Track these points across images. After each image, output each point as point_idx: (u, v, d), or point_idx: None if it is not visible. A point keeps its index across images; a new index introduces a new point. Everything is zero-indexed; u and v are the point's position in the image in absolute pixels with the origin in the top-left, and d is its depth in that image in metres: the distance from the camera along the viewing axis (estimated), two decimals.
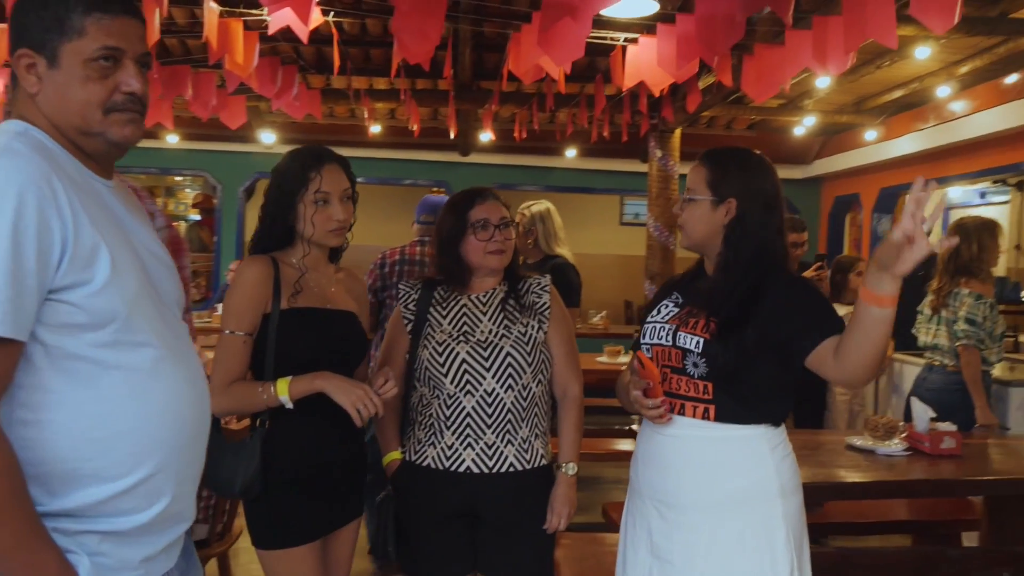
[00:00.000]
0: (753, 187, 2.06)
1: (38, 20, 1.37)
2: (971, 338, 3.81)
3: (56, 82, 1.37)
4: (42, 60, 1.37)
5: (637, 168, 9.05)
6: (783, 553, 1.94)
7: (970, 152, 6.74)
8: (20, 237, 1.20)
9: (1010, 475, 2.96)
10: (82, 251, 1.27)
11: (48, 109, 1.38)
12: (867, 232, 8.81)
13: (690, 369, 1.99)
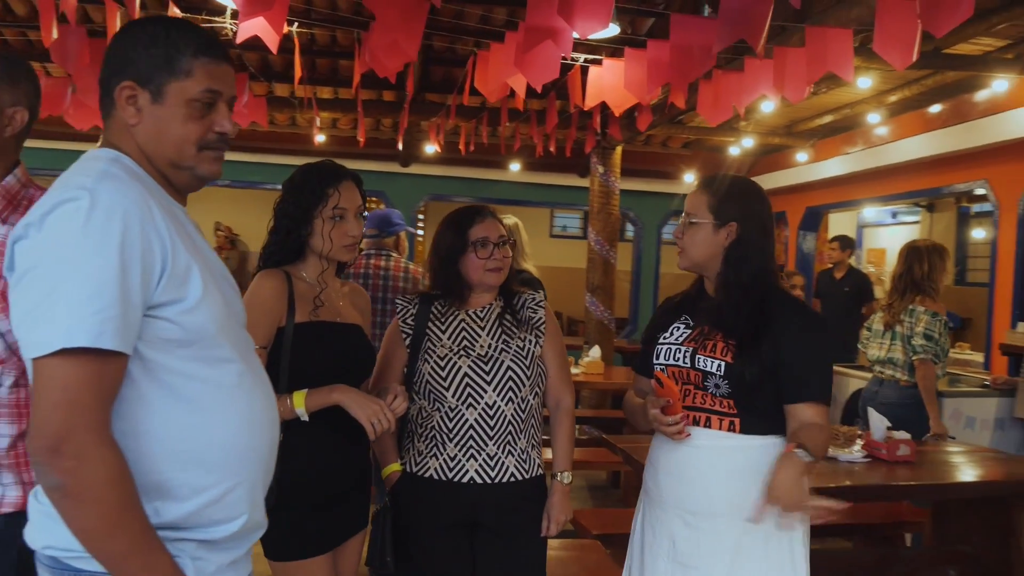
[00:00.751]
0: (752, 212, 2.18)
1: (147, 56, 1.41)
2: (928, 352, 4.05)
3: (157, 116, 1.42)
4: (145, 94, 1.41)
5: (571, 182, 9.25)
6: (801, 553, 2.08)
7: (894, 175, 7.14)
8: (127, 256, 1.24)
9: (958, 480, 3.19)
10: (178, 270, 1.32)
11: (144, 140, 1.43)
12: (792, 248, 9.20)
13: (712, 389, 2.10)
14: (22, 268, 1.25)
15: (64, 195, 1.25)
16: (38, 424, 1.20)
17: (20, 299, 1.25)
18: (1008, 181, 6.00)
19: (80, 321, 1.20)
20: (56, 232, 1.23)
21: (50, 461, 1.19)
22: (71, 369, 1.20)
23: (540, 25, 3.35)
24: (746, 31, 3.24)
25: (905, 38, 3.27)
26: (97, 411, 1.22)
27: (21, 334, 1.24)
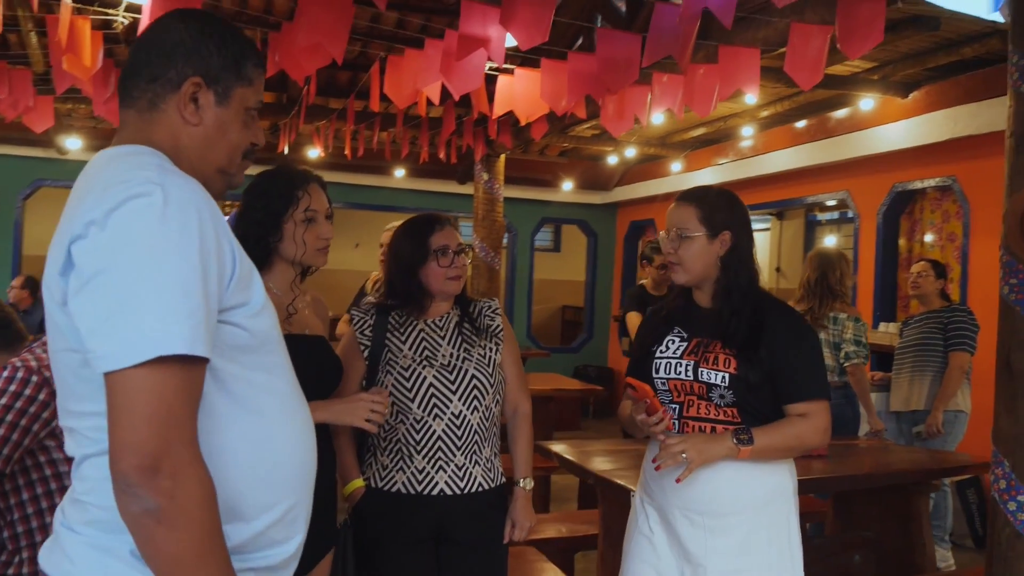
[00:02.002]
0: (741, 219, 2.26)
1: (219, 55, 1.32)
2: (860, 357, 4.32)
3: (220, 119, 1.33)
4: (210, 94, 1.31)
5: (450, 189, 9.27)
6: (796, 542, 2.19)
7: (762, 186, 7.58)
8: (205, 255, 1.16)
9: (869, 471, 3.45)
10: (243, 271, 1.25)
11: (196, 141, 1.32)
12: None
13: (717, 400, 2.16)
14: (88, 271, 1.11)
15: (131, 190, 1.13)
16: (131, 442, 1.08)
17: (90, 306, 1.11)
18: (868, 192, 6.50)
19: (173, 325, 1.10)
20: (129, 230, 1.11)
21: (147, 482, 1.07)
22: (165, 379, 1.09)
23: (473, 34, 3.37)
24: (673, 48, 3.38)
25: (814, 60, 3.50)
26: (191, 425, 1.13)
27: (96, 344, 1.10)
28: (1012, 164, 2.56)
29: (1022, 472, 2.47)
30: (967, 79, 5.27)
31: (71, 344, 1.18)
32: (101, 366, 1.10)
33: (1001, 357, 2.55)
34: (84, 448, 1.22)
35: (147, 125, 1.31)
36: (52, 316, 1.21)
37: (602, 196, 10.25)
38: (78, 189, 1.25)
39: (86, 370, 1.16)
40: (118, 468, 1.08)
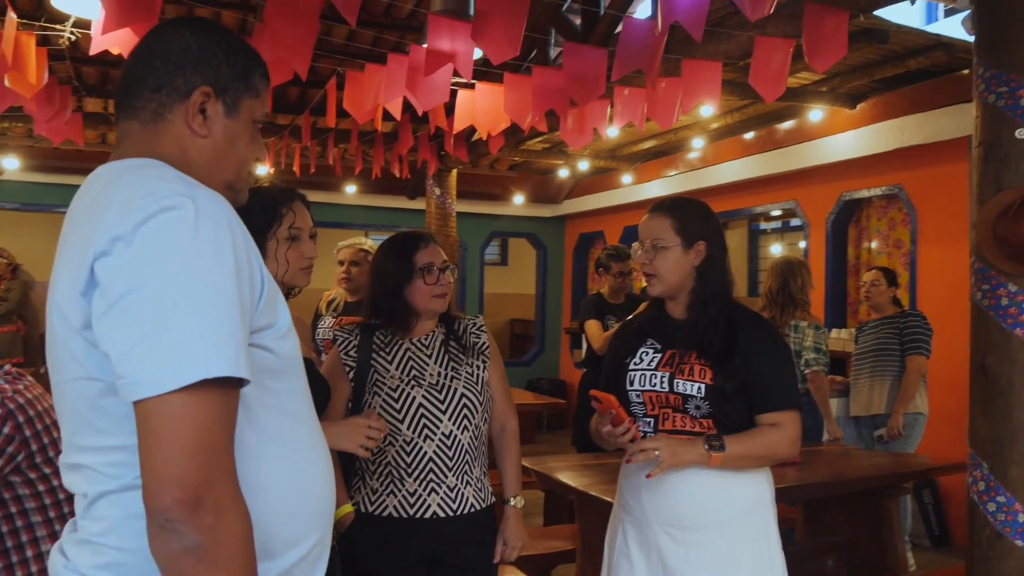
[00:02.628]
0: (714, 230, 2.27)
1: (228, 64, 1.25)
2: (819, 364, 4.39)
3: (230, 131, 1.26)
4: (219, 105, 1.24)
5: (399, 204, 9.20)
6: (777, 552, 2.19)
7: (711, 196, 7.67)
8: (239, 272, 1.08)
9: (845, 477, 3.50)
10: (271, 290, 1.18)
11: (204, 154, 1.24)
12: None
13: (692, 411, 2.15)
14: (117, 290, 1.02)
15: (161, 202, 1.05)
16: (173, 475, 0.99)
17: (121, 327, 1.02)
18: (817, 202, 6.64)
19: (215, 347, 1.02)
20: (160, 245, 1.03)
21: (190, 518, 0.98)
22: (206, 405, 1.01)
23: (441, 49, 3.35)
24: (642, 62, 3.40)
25: (777, 73, 3.57)
26: (231, 455, 1.05)
27: (128, 369, 1.01)
28: (981, 173, 2.62)
29: (1000, 474, 2.53)
30: (912, 90, 5.42)
31: (90, 372, 1.08)
32: (135, 393, 1.00)
33: (976, 361, 2.61)
34: (100, 485, 1.11)
35: (152, 137, 1.23)
36: (65, 343, 1.10)
37: (551, 209, 10.29)
38: (85, 206, 1.16)
39: (107, 400, 1.08)
40: (158, 504, 0.99)
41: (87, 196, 1.19)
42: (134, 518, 1.08)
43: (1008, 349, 2.52)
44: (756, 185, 7.11)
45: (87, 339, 1.07)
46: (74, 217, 1.17)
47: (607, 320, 4.65)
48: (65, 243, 1.15)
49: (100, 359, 1.06)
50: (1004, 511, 2.51)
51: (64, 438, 1.18)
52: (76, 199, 1.23)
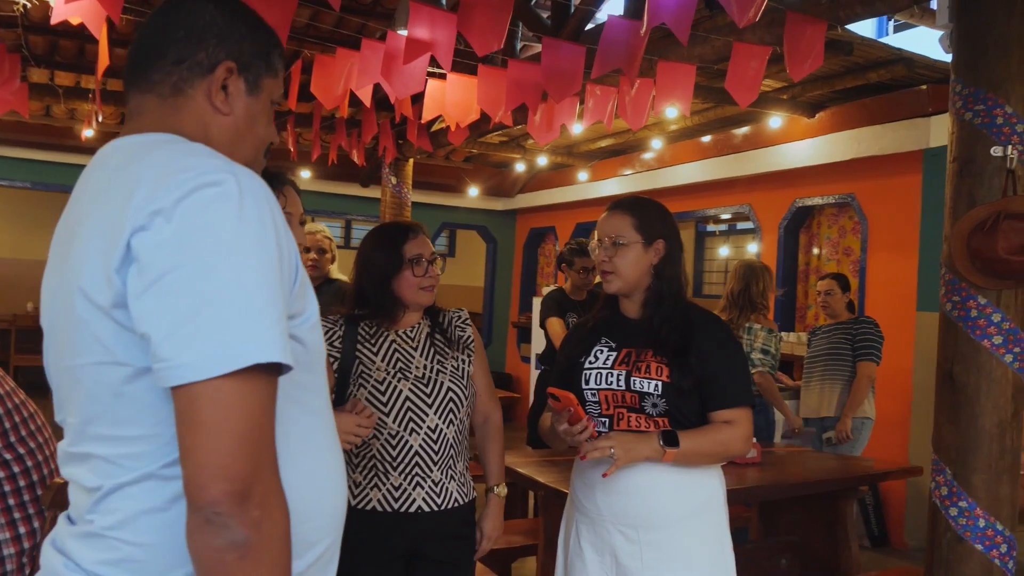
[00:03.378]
0: (672, 229, 2.29)
1: (251, 40, 1.20)
2: (765, 365, 4.46)
3: (251, 110, 1.21)
4: (241, 82, 1.19)
5: (357, 192, 9.08)
6: (728, 552, 2.21)
7: (666, 197, 7.75)
8: (281, 254, 1.03)
9: (804, 479, 3.57)
10: (302, 276, 1.12)
11: (225, 133, 1.19)
12: None
13: (649, 409, 2.15)
14: (158, 267, 0.96)
15: (202, 178, 0.99)
16: (222, 465, 0.93)
17: (163, 308, 0.95)
18: (770, 206, 6.76)
19: (264, 330, 0.96)
20: (204, 221, 0.97)
21: (238, 511, 0.93)
22: (253, 392, 0.96)
23: (421, 38, 3.30)
24: (623, 62, 3.41)
25: (753, 79, 3.61)
26: (274, 446, 0.99)
27: (171, 351, 0.94)
28: (955, 188, 2.70)
29: (963, 480, 2.60)
30: (871, 102, 5.55)
31: (116, 356, 1.01)
32: (178, 377, 0.94)
33: (943, 370, 2.68)
34: (115, 477, 1.04)
35: (172, 112, 1.17)
36: (87, 325, 1.03)
37: (504, 203, 10.28)
38: (103, 182, 1.10)
39: (132, 386, 1.02)
40: (205, 496, 0.93)
41: (103, 172, 1.12)
42: (151, 512, 1.03)
43: (976, 359, 2.60)
44: (711, 188, 7.20)
45: (117, 320, 1.00)
46: (90, 193, 1.11)
47: (568, 317, 4.60)
48: (84, 221, 1.08)
49: (129, 342, 1.00)
50: (965, 516, 2.58)
51: (72, 425, 1.10)
52: (88, 175, 1.17)
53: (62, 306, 1.09)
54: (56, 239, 1.21)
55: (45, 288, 1.20)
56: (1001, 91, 2.60)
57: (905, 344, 5.46)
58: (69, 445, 1.11)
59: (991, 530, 2.56)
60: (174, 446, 1.01)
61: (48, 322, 1.17)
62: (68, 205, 1.22)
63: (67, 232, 1.14)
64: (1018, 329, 2.59)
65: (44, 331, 1.20)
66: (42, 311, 1.21)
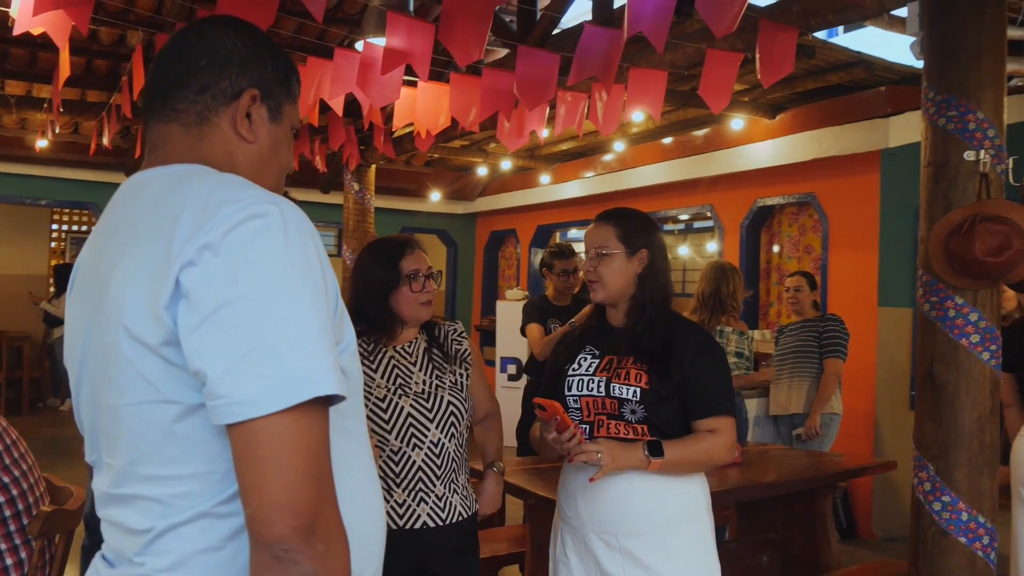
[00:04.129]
0: (656, 238, 2.33)
1: (273, 67, 1.20)
2: (741, 368, 4.52)
3: (274, 137, 1.21)
4: (264, 109, 1.19)
5: (316, 198, 8.99)
6: (713, 561, 2.24)
7: (628, 199, 7.81)
8: (326, 285, 1.04)
9: (785, 478, 3.64)
10: (341, 304, 1.12)
11: (251, 161, 1.18)
12: (524, 265, 9.71)
13: (628, 416, 2.18)
14: (210, 303, 0.95)
15: (247, 210, 0.99)
16: (288, 501, 0.92)
17: (217, 343, 0.95)
18: (731, 207, 6.87)
19: (319, 364, 0.96)
20: (252, 255, 0.97)
21: (304, 545, 0.93)
22: (312, 425, 0.96)
23: (399, 48, 3.29)
24: (599, 70, 3.43)
25: (725, 85, 3.67)
26: (332, 477, 0.99)
27: (229, 388, 0.93)
28: (930, 191, 2.77)
29: (946, 475, 2.68)
30: (831, 104, 5.67)
31: (166, 395, 1.00)
32: (237, 414, 0.93)
33: (923, 369, 2.76)
34: (168, 518, 1.03)
35: (198, 142, 1.16)
36: (132, 364, 1.01)
37: (464, 206, 10.28)
38: (137, 216, 1.08)
39: (183, 425, 1.00)
40: (272, 533, 0.92)
41: (137, 206, 1.11)
42: (206, 552, 1.02)
43: (955, 358, 2.68)
44: (673, 189, 7.28)
45: (166, 357, 0.99)
46: (125, 228, 1.09)
47: (550, 323, 4.54)
48: (122, 257, 1.06)
49: (178, 380, 0.99)
50: (949, 510, 2.66)
51: (115, 467, 1.08)
52: (117, 209, 1.16)
53: (100, 345, 1.07)
54: (81, 276, 1.19)
55: (72, 328, 1.18)
56: (973, 98, 2.68)
57: (868, 339, 5.59)
58: (111, 487, 1.09)
59: (973, 523, 2.64)
60: (227, 483, 1.01)
61: (79, 362, 1.14)
62: (93, 240, 1.20)
63: (96, 269, 1.12)
64: (994, 328, 2.68)
65: (72, 372, 1.17)
66: (69, 351, 1.19)
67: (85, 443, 1.17)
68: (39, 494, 2.52)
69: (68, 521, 2.47)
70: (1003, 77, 2.74)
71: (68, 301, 1.22)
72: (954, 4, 2.75)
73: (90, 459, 1.16)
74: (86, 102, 6.35)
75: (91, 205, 8.55)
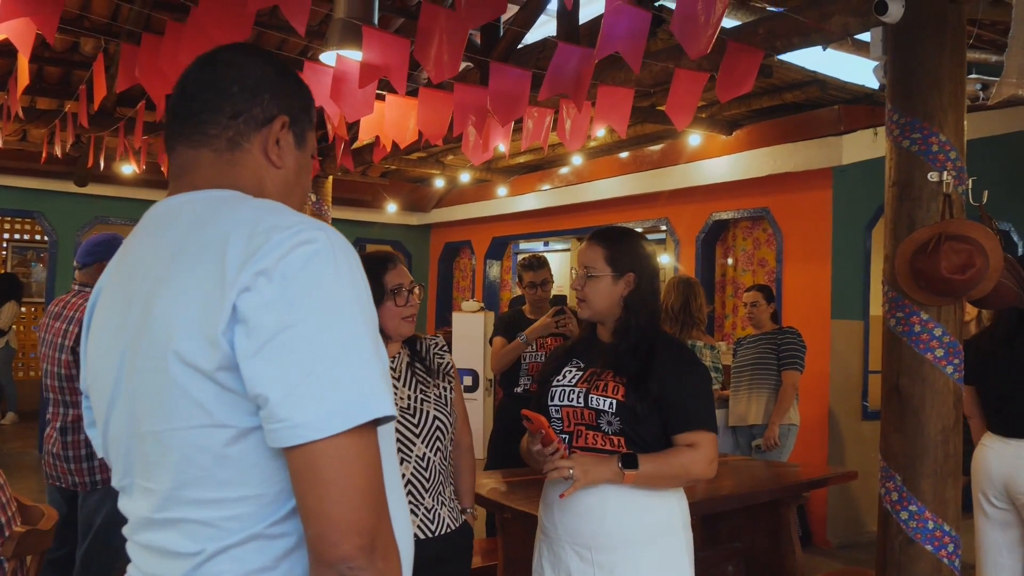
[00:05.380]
0: (645, 261, 2.36)
1: (298, 95, 1.23)
2: (716, 382, 4.60)
3: (299, 163, 1.23)
4: (290, 135, 1.21)
5: None
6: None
7: (584, 211, 7.91)
8: (372, 308, 1.07)
9: (754, 489, 3.71)
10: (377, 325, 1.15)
11: (279, 186, 1.20)
12: (479, 277, 9.73)
13: (604, 427, 2.21)
14: (269, 328, 0.97)
15: (297, 236, 1.01)
16: (353, 521, 0.95)
17: (277, 367, 0.97)
18: (687, 220, 6.99)
19: (376, 386, 0.99)
20: (306, 280, 0.99)
21: (368, 563, 0.96)
22: (370, 446, 0.99)
23: (375, 63, 3.30)
24: (571, 87, 3.49)
25: (690, 104, 3.75)
26: (386, 495, 1.02)
27: (290, 411, 0.96)
28: (895, 211, 2.87)
29: (913, 485, 2.77)
30: (786, 121, 5.82)
31: (218, 419, 1.01)
32: (298, 436, 0.95)
33: (889, 382, 2.85)
34: (219, 540, 1.03)
35: (229, 167, 1.17)
36: (184, 389, 1.01)
37: (418, 217, 10.26)
38: (177, 242, 1.08)
39: (236, 448, 1.01)
40: (338, 553, 0.95)
41: (174, 229, 1.11)
42: (258, 572, 1.03)
43: (920, 371, 2.77)
44: (630, 202, 7.38)
45: (220, 382, 1.00)
46: (164, 253, 1.09)
47: (520, 336, 4.54)
48: (164, 283, 1.06)
49: (231, 404, 1.00)
50: (916, 519, 2.75)
51: (156, 491, 1.07)
52: (147, 234, 1.16)
53: (142, 371, 1.06)
54: (108, 302, 1.18)
55: (99, 354, 1.17)
56: (935, 121, 2.79)
57: (821, 351, 5.73)
58: (154, 512, 1.08)
59: (939, 531, 2.74)
60: (279, 505, 1.03)
61: (112, 388, 1.13)
62: (120, 264, 1.19)
63: (130, 294, 1.11)
64: (957, 342, 2.78)
65: (101, 397, 1.16)
66: (95, 377, 1.18)
67: (114, 468, 1.16)
68: (11, 514, 2.47)
69: (41, 541, 2.43)
70: (963, 100, 2.86)
71: (92, 325, 1.21)
72: (917, 30, 2.86)
73: (121, 484, 1.15)
74: (36, 109, 6.20)
75: (37, 214, 8.33)
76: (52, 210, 8.26)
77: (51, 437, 3.39)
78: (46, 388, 3.44)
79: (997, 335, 3.44)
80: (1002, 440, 3.36)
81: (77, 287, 3.55)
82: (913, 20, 2.82)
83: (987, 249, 2.66)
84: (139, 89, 6.15)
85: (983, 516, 3.38)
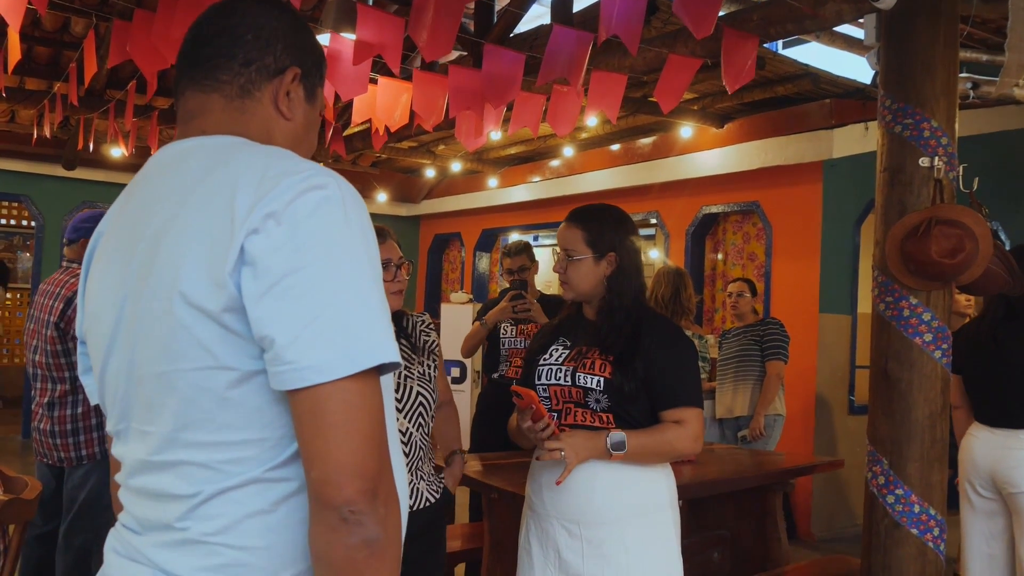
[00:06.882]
0: (627, 240, 2.35)
1: (311, 48, 1.22)
2: (704, 372, 4.61)
3: (308, 117, 1.22)
4: (301, 88, 1.20)
5: None
6: (675, 555, 2.27)
7: (575, 204, 7.87)
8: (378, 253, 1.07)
9: (741, 475, 3.72)
10: None
11: (287, 138, 1.19)
12: (469, 268, 9.72)
13: (592, 405, 2.22)
14: (277, 271, 0.96)
15: (307, 181, 1.00)
16: (355, 464, 0.95)
17: (285, 310, 0.96)
18: (677, 213, 7.00)
19: (383, 332, 0.99)
20: (316, 225, 0.98)
21: (370, 508, 0.95)
22: (375, 392, 0.98)
23: (370, 40, 3.28)
24: (567, 71, 3.48)
25: (678, 89, 3.75)
26: (388, 443, 1.01)
27: (297, 354, 0.95)
28: (885, 196, 2.88)
29: (899, 469, 2.78)
30: (778, 114, 5.84)
31: (222, 361, 1.00)
32: (305, 379, 0.95)
33: (878, 367, 2.86)
34: (216, 483, 1.02)
35: (239, 114, 1.16)
36: (189, 330, 1.00)
37: (408, 208, 10.24)
38: (185, 184, 1.07)
39: (238, 391, 1.00)
40: (341, 495, 0.94)
41: (182, 174, 1.10)
42: (257, 515, 1.02)
43: (909, 356, 2.78)
44: (620, 195, 7.37)
45: (225, 324, 0.99)
46: (172, 196, 1.08)
47: (480, 320, 4.49)
48: (171, 224, 1.05)
49: (236, 346, 0.99)
50: (902, 503, 2.76)
51: (154, 433, 1.06)
52: (154, 176, 1.15)
53: (146, 312, 1.05)
54: (109, 245, 1.17)
55: (100, 297, 1.15)
56: (927, 107, 2.80)
57: (809, 344, 5.76)
58: (151, 454, 1.07)
59: (925, 515, 2.75)
60: (280, 449, 1.02)
61: (111, 330, 1.11)
62: (124, 207, 1.18)
63: (134, 236, 1.10)
64: (945, 327, 2.79)
65: (99, 341, 1.14)
66: (93, 321, 1.17)
67: (109, 413, 1.14)
68: None
69: (24, 511, 2.41)
70: (955, 89, 2.87)
71: (92, 270, 1.20)
72: (910, 18, 2.87)
73: (116, 428, 1.13)
74: (24, 90, 6.15)
75: (24, 197, 8.26)
76: (39, 193, 8.20)
77: (37, 413, 3.36)
78: (33, 364, 3.41)
79: (984, 324, 3.46)
80: (988, 430, 3.38)
81: (65, 263, 3.52)
82: (906, 7, 2.83)
83: (977, 234, 2.67)
84: (129, 72, 6.14)
85: (969, 506, 3.40)
